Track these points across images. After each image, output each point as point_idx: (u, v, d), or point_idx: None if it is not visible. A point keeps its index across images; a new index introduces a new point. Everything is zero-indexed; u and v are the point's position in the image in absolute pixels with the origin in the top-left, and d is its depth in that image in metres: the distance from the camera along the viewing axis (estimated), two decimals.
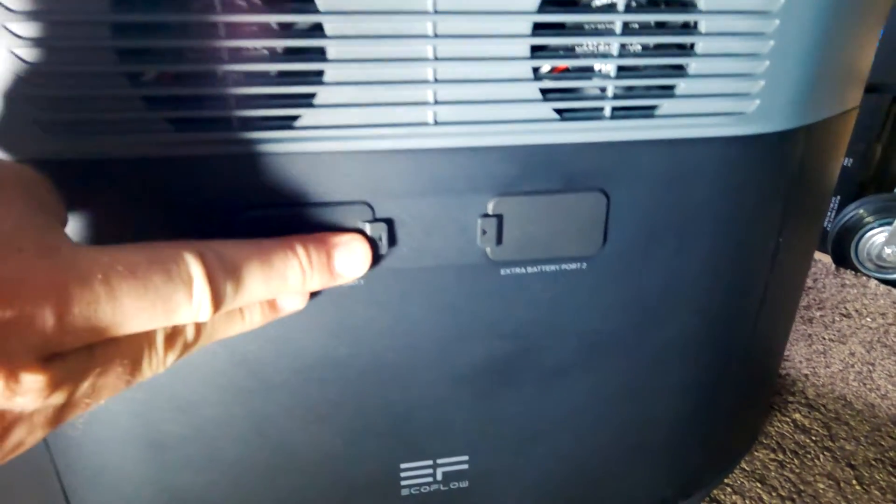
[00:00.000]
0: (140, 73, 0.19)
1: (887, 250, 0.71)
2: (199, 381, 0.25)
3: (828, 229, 0.78)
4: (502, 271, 0.25)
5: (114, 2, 0.18)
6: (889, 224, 0.70)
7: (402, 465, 0.28)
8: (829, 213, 0.81)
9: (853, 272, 0.73)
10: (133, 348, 0.17)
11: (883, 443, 0.45)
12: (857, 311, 0.64)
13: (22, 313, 0.13)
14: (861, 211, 0.73)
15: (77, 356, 0.15)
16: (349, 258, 0.21)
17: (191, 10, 0.19)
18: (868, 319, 0.63)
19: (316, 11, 0.19)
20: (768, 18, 0.22)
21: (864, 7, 0.26)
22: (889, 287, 0.68)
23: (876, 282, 0.70)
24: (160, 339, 0.18)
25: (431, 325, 0.25)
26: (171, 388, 0.25)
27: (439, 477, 0.29)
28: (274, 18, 0.19)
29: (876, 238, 0.73)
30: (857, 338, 0.59)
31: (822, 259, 0.77)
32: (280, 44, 0.19)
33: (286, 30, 0.20)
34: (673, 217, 0.25)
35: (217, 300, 0.17)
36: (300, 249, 0.20)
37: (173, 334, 0.18)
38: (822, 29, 0.23)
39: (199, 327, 0.19)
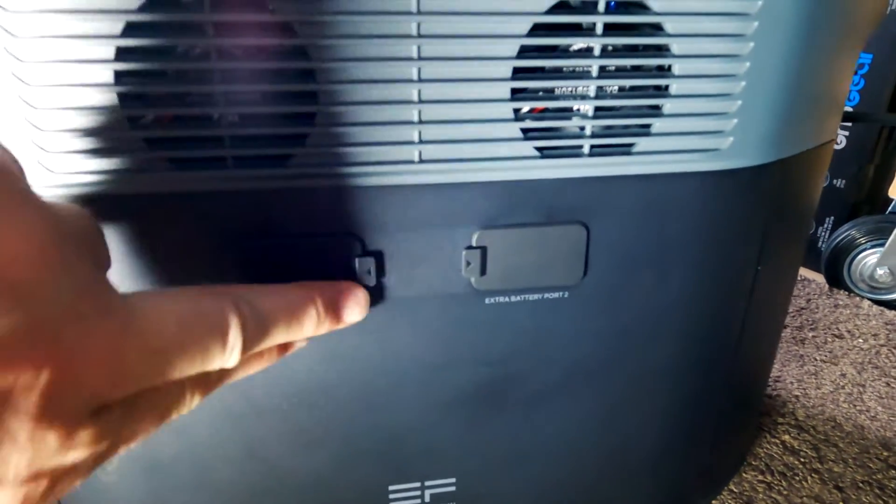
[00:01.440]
0: (141, 116, 0.20)
1: (880, 271, 0.72)
2: None
3: (821, 249, 0.79)
4: (487, 300, 0.26)
5: (117, 50, 0.19)
6: (881, 245, 0.71)
7: (391, 487, 0.29)
8: (822, 234, 0.82)
9: (846, 293, 0.73)
10: (168, 394, 0.18)
11: (871, 465, 0.45)
12: (849, 331, 0.65)
13: (79, 377, 0.13)
14: (854, 232, 0.74)
15: (122, 406, 0.15)
16: (355, 307, 0.23)
17: (189, 59, 0.20)
18: (860, 340, 0.63)
19: (307, 59, 0.20)
20: (739, 61, 0.23)
21: (835, 48, 0.27)
22: (881, 308, 0.69)
23: (869, 302, 0.70)
24: (190, 384, 0.18)
25: (419, 352, 0.26)
26: None
27: (427, 499, 0.30)
28: (267, 65, 0.20)
29: (868, 259, 0.73)
30: (849, 359, 0.60)
31: (816, 279, 0.78)
32: (273, 89, 0.21)
33: (279, 75, 0.21)
34: (652, 248, 0.26)
35: (246, 348, 0.18)
36: (318, 300, 0.21)
37: (201, 378, 0.19)
38: (792, 69, 0.25)
39: (223, 370, 0.20)
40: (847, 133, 0.77)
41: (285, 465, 0.28)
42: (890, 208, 0.75)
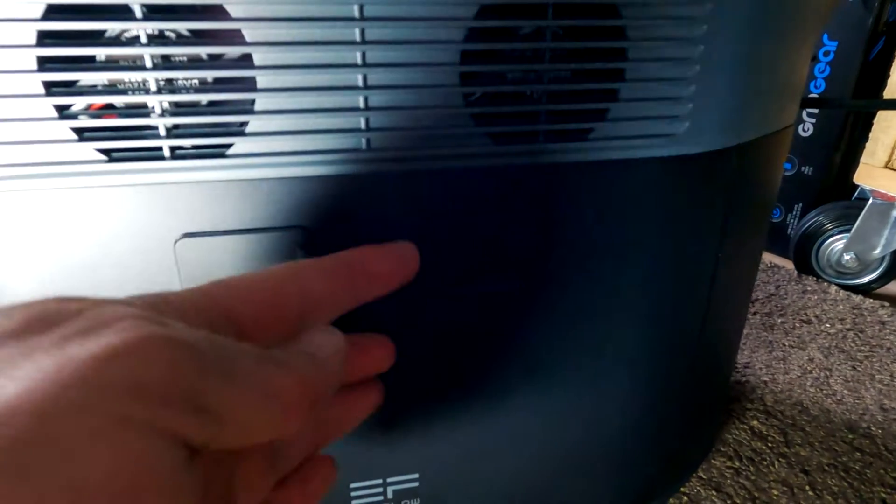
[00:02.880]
0: (69, 105, 0.19)
1: (846, 256, 0.73)
2: None
3: (791, 236, 0.80)
4: None
5: (40, 35, 0.18)
6: (848, 231, 0.72)
7: (352, 485, 0.29)
8: (791, 221, 0.83)
9: (815, 278, 0.74)
10: None
11: (836, 448, 0.46)
12: (817, 317, 0.66)
13: None
14: (821, 218, 0.75)
15: None
16: None
17: (118, 43, 0.19)
18: (827, 325, 0.64)
19: (244, 43, 0.19)
20: (693, 45, 0.23)
21: (790, 32, 0.27)
22: (848, 293, 0.70)
23: (836, 287, 0.71)
24: None
25: None
26: None
27: (390, 495, 0.29)
28: (202, 50, 0.19)
29: (836, 245, 0.74)
30: (816, 344, 0.60)
31: (786, 266, 0.78)
32: (209, 75, 0.20)
33: (216, 60, 0.20)
34: (611, 235, 0.26)
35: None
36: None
37: None
38: (747, 54, 0.24)
39: None
40: (814, 120, 0.78)
41: None
42: (856, 194, 0.76)
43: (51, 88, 0.19)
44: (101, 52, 0.19)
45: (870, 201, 0.68)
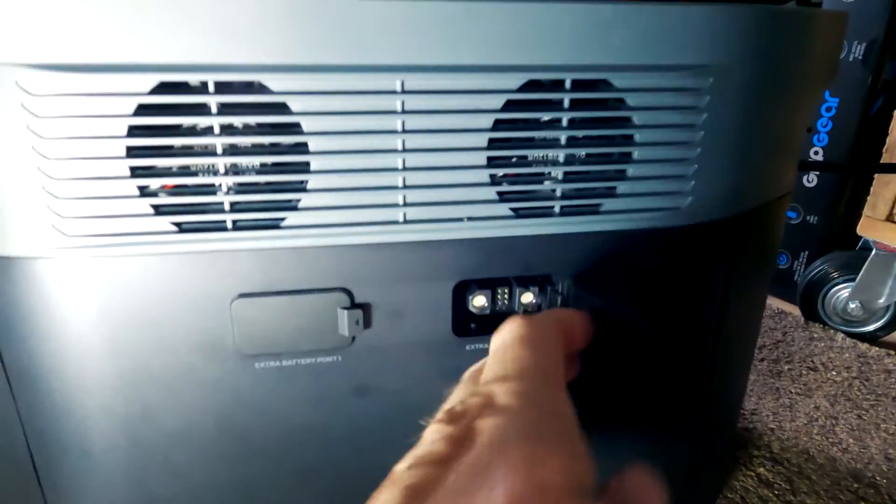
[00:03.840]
0: (147, 185, 0.22)
1: (852, 305, 0.74)
2: (190, 447, 0.27)
3: (797, 283, 0.82)
4: (467, 347, 0.27)
5: (130, 128, 0.21)
6: (853, 280, 0.74)
7: None
8: (798, 268, 0.85)
9: (821, 325, 0.76)
10: None
11: (841, 496, 0.47)
12: (823, 364, 0.67)
13: None
14: (826, 267, 0.77)
15: None
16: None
17: (195, 133, 0.22)
18: (833, 373, 0.65)
19: (301, 132, 0.22)
20: (694, 130, 0.26)
21: (786, 111, 0.29)
22: (854, 340, 0.71)
23: (842, 335, 0.73)
24: None
25: (403, 394, 0.28)
26: (165, 454, 0.27)
27: None
28: (266, 139, 0.22)
29: (841, 293, 0.76)
30: (823, 391, 0.62)
31: (793, 311, 0.80)
32: (271, 159, 0.23)
33: (276, 146, 0.23)
34: (619, 298, 0.28)
35: None
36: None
37: None
38: (744, 134, 0.27)
39: None
40: (819, 172, 0.81)
41: (276, 502, 0.29)
42: (860, 243, 0.78)
43: (135, 171, 0.22)
44: (180, 142, 0.22)
45: (873, 252, 0.70)
